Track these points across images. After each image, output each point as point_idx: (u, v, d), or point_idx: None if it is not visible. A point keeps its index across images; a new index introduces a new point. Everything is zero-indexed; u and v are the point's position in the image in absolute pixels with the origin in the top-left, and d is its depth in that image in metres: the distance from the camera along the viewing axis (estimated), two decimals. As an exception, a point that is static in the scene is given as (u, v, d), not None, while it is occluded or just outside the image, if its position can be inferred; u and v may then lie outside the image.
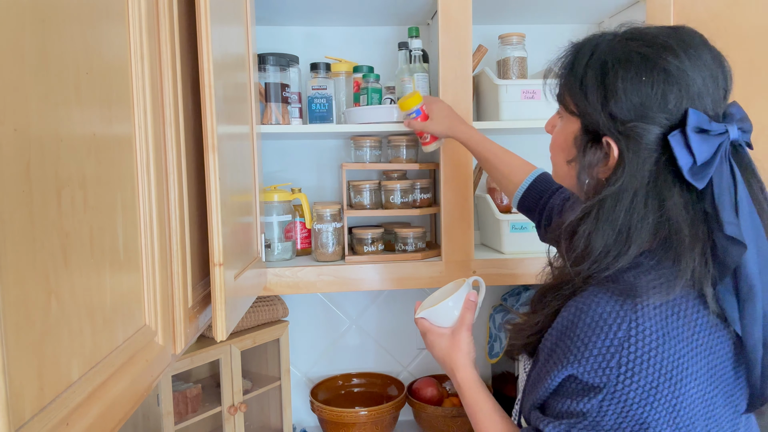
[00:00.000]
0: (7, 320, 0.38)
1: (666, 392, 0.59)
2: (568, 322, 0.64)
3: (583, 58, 0.68)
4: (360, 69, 1.47)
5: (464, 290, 0.92)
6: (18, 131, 0.41)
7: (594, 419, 0.61)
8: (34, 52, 0.43)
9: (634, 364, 0.59)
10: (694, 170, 0.61)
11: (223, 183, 0.84)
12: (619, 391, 0.59)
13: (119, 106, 0.60)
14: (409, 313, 1.72)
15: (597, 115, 0.66)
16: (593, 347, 0.61)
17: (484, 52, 1.50)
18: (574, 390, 0.63)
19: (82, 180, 0.51)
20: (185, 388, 1.35)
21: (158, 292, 0.68)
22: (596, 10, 1.52)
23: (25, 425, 0.41)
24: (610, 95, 0.64)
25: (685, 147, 0.61)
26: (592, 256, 0.65)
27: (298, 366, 1.71)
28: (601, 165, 0.67)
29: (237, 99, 0.99)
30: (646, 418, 0.59)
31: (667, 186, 0.63)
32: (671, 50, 0.63)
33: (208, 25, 0.78)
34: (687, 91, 0.62)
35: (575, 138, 0.70)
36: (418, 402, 1.55)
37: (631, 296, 0.61)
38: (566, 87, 0.70)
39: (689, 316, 0.61)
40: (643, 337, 0.59)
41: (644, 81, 0.62)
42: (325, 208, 1.40)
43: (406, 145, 1.46)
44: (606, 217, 0.64)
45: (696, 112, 0.61)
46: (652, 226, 0.63)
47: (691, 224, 0.62)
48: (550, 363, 0.65)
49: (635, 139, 0.63)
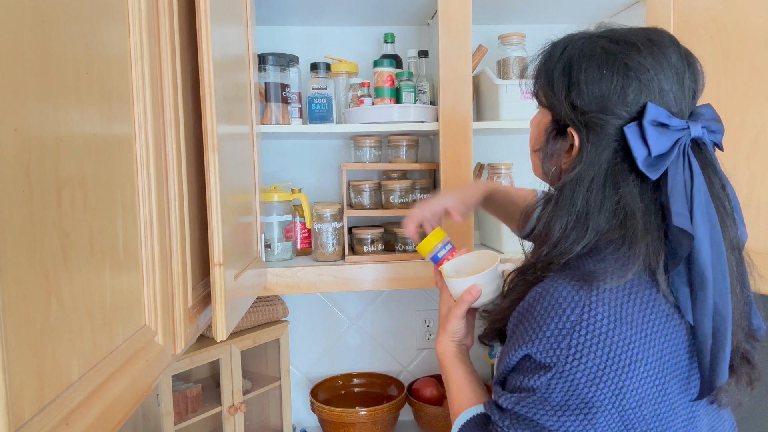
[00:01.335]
0: (7, 320, 0.38)
1: (612, 375, 0.61)
2: (528, 305, 0.68)
3: (556, 53, 0.71)
4: (381, 63, 1.43)
5: (478, 278, 0.85)
6: (18, 131, 0.41)
7: (542, 395, 0.64)
8: (34, 52, 0.43)
9: (584, 347, 0.61)
10: (648, 161, 0.64)
11: (223, 183, 0.84)
12: (567, 371, 0.62)
13: (119, 106, 0.60)
14: (409, 313, 1.72)
15: (560, 105, 0.70)
16: (546, 329, 0.64)
17: (484, 52, 1.50)
18: (528, 367, 0.66)
19: (82, 180, 0.51)
20: (185, 388, 1.35)
21: (158, 292, 0.68)
22: (596, 10, 1.52)
23: (25, 425, 0.41)
24: (573, 87, 0.68)
25: (641, 138, 0.64)
26: (552, 239, 0.68)
27: (298, 366, 1.71)
28: (564, 154, 0.71)
29: (237, 99, 0.99)
30: (591, 398, 0.61)
31: (623, 175, 0.66)
32: (635, 47, 0.66)
33: (208, 25, 0.78)
34: (647, 86, 0.65)
35: (546, 129, 0.74)
36: (418, 402, 1.55)
37: (588, 281, 0.63)
38: (538, 81, 0.74)
39: (645, 303, 0.64)
40: (594, 321, 0.62)
41: (605, 74, 0.66)
42: (325, 208, 1.40)
43: (406, 145, 1.46)
44: (564, 203, 0.68)
45: (655, 106, 0.64)
46: (610, 212, 0.66)
47: (644, 213, 0.65)
48: (511, 342, 0.69)
49: (595, 129, 0.67)
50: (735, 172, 1.06)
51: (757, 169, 1.03)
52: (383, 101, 1.41)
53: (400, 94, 1.44)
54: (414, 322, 1.72)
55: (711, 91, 1.12)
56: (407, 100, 1.44)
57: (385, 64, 1.43)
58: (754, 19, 1.03)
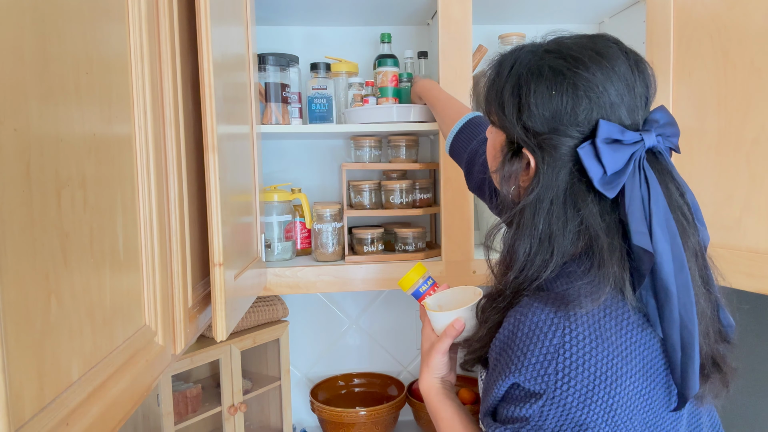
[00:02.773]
0: (7, 320, 0.38)
1: (602, 393, 0.60)
2: (508, 332, 0.66)
3: (504, 71, 0.70)
4: (385, 63, 1.44)
5: (461, 312, 0.83)
6: (18, 131, 0.41)
7: (536, 423, 0.63)
8: (34, 52, 0.43)
9: (570, 369, 0.61)
10: (604, 180, 0.63)
11: (223, 183, 0.84)
12: (558, 396, 0.61)
13: (119, 106, 0.60)
14: (408, 314, 1.72)
15: (513, 128, 0.68)
16: (531, 355, 0.63)
17: (484, 52, 1.50)
18: (518, 396, 0.65)
19: (82, 180, 0.51)
20: (185, 388, 1.35)
21: (158, 292, 0.68)
22: (596, 10, 1.52)
23: (25, 425, 0.41)
24: (523, 108, 0.66)
25: (595, 158, 0.63)
26: (517, 264, 0.67)
27: (298, 366, 1.71)
28: (522, 175, 0.70)
29: (237, 99, 0.99)
30: (584, 419, 0.60)
31: (581, 195, 0.65)
32: (582, 63, 0.64)
33: (208, 25, 0.78)
34: (597, 102, 0.64)
35: (501, 149, 0.72)
36: (418, 402, 1.55)
37: (563, 305, 0.63)
38: (488, 100, 0.73)
39: (621, 316, 0.63)
40: (577, 342, 0.61)
41: (554, 95, 0.64)
42: (325, 208, 1.40)
43: (406, 145, 1.46)
44: (526, 226, 0.67)
45: (607, 123, 0.63)
46: (574, 233, 0.65)
47: (607, 232, 0.64)
48: (495, 372, 0.68)
49: (549, 151, 0.65)
50: (735, 172, 1.07)
51: (757, 169, 1.03)
52: (387, 101, 1.41)
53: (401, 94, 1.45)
54: (414, 322, 1.72)
55: (711, 92, 1.12)
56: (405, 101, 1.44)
57: (389, 64, 1.43)
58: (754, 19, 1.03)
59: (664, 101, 1.20)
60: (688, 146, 1.15)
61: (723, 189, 1.09)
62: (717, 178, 1.10)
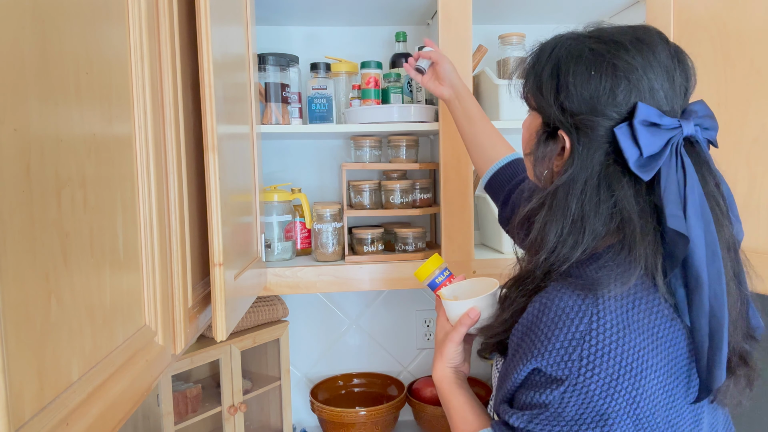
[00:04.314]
0: (7, 320, 0.38)
1: (626, 384, 0.60)
2: (533, 317, 0.66)
3: (544, 55, 0.70)
4: (368, 65, 1.45)
5: (477, 302, 0.84)
6: (18, 131, 0.41)
7: (556, 410, 0.62)
8: (34, 52, 0.43)
9: (595, 357, 0.60)
10: (640, 162, 0.63)
11: (223, 183, 0.84)
12: (580, 383, 0.61)
13: (119, 106, 0.60)
14: (409, 314, 1.72)
15: (550, 108, 0.68)
16: (556, 340, 0.62)
17: (484, 52, 1.50)
18: (538, 382, 0.64)
19: (82, 180, 0.51)
20: (185, 388, 1.35)
21: (158, 292, 0.68)
22: (596, 10, 1.52)
23: (25, 425, 0.41)
24: (561, 89, 0.67)
25: (632, 139, 0.63)
26: (548, 245, 0.67)
27: (298, 366, 1.71)
28: (556, 157, 0.70)
29: (237, 99, 0.99)
30: (606, 409, 0.60)
31: (616, 177, 0.65)
32: (623, 46, 0.65)
33: (208, 25, 0.78)
34: (637, 85, 0.64)
35: (537, 132, 0.72)
36: (418, 402, 1.55)
37: (592, 290, 0.62)
38: (527, 84, 0.73)
39: (649, 309, 0.63)
40: (604, 330, 0.61)
41: (593, 75, 0.65)
42: (325, 208, 1.40)
43: (406, 145, 1.46)
44: (558, 207, 0.66)
45: (645, 106, 0.63)
46: (606, 216, 0.65)
47: (641, 215, 0.64)
48: (516, 357, 0.67)
49: (585, 131, 0.65)
50: (735, 172, 1.06)
51: (757, 169, 1.03)
52: (367, 102, 1.42)
53: (388, 95, 1.44)
54: (414, 322, 1.72)
55: (711, 91, 1.12)
56: (395, 101, 1.44)
57: (372, 66, 1.44)
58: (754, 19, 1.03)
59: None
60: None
61: (723, 189, 1.09)
62: (717, 178, 1.10)
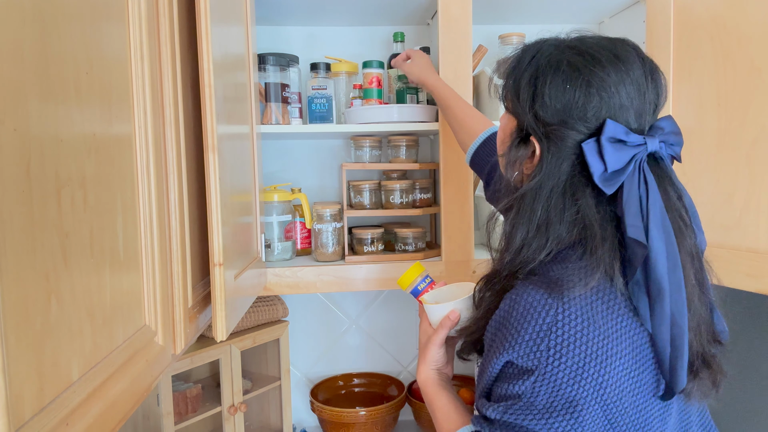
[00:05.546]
0: (7, 320, 0.38)
1: (593, 371, 0.62)
2: (504, 313, 0.69)
3: (525, 60, 0.72)
4: (370, 64, 1.45)
5: (456, 304, 0.87)
6: (18, 131, 0.41)
7: (528, 400, 0.65)
8: (34, 52, 0.43)
9: (562, 346, 0.63)
10: (604, 177, 0.66)
11: (223, 183, 0.84)
12: (549, 372, 0.63)
13: (119, 106, 0.60)
14: (408, 314, 1.72)
15: (525, 115, 0.71)
16: (525, 333, 0.65)
17: (484, 52, 1.50)
18: (511, 374, 0.67)
19: (82, 180, 0.51)
20: (185, 388, 1.35)
21: (158, 292, 0.68)
22: (596, 10, 1.52)
23: (25, 425, 0.41)
24: (537, 98, 0.69)
25: (598, 155, 0.66)
26: (513, 246, 0.70)
27: (298, 366, 1.71)
28: (526, 161, 0.72)
29: (237, 99, 0.99)
30: (575, 396, 0.63)
31: (580, 187, 0.68)
32: (599, 62, 0.67)
33: (208, 25, 0.78)
34: (608, 102, 0.66)
35: (510, 134, 0.75)
36: (418, 402, 1.55)
37: (557, 287, 0.65)
38: (506, 86, 0.75)
39: (611, 302, 0.66)
40: (569, 321, 0.63)
41: (568, 89, 0.67)
42: (325, 208, 1.40)
43: (406, 145, 1.46)
44: (525, 211, 0.70)
45: (614, 123, 0.66)
46: (570, 222, 0.68)
47: (601, 223, 0.67)
48: (491, 352, 0.70)
49: (555, 141, 0.68)
50: (735, 172, 1.07)
51: (757, 169, 1.03)
52: (369, 102, 1.42)
53: (403, 96, 1.45)
54: (414, 322, 1.72)
55: (711, 91, 1.12)
56: (410, 101, 1.44)
57: (374, 66, 1.43)
58: (754, 19, 1.03)
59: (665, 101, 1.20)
60: (688, 146, 1.15)
61: (723, 189, 1.09)
62: (717, 178, 1.10)
